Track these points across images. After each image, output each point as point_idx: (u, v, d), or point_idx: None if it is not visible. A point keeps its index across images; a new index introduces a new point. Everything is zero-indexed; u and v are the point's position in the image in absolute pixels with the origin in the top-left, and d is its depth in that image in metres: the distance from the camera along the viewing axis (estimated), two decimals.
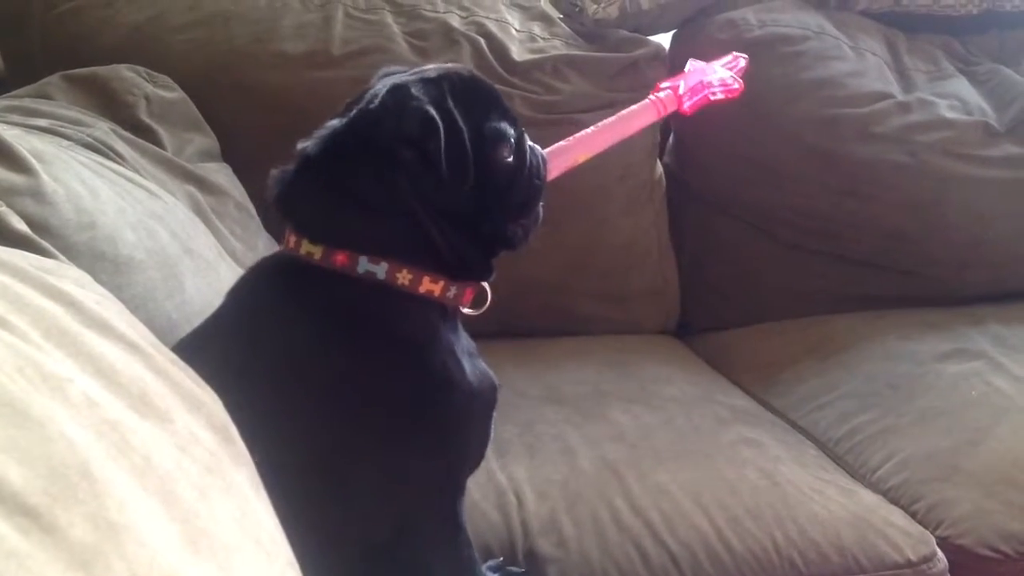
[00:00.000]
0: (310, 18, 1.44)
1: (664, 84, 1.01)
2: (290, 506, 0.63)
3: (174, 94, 1.26)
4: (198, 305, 0.86)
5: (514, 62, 1.50)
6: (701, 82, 1.00)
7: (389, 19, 1.49)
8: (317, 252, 0.78)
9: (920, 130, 1.54)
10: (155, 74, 1.27)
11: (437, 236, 0.80)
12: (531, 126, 1.48)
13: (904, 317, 1.50)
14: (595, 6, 1.58)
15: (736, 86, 1.01)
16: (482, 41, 1.50)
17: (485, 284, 0.85)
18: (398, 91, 0.80)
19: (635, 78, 1.53)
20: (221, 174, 1.21)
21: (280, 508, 0.62)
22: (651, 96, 1.00)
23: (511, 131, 0.84)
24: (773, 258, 1.59)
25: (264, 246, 1.17)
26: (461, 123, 0.79)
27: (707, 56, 1.07)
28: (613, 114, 0.99)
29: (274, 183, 0.80)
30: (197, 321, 0.81)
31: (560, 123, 1.47)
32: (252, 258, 1.10)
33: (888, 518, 1.05)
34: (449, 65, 0.86)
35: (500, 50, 1.50)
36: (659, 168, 1.59)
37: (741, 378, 1.41)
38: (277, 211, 0.81)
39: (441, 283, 0.81)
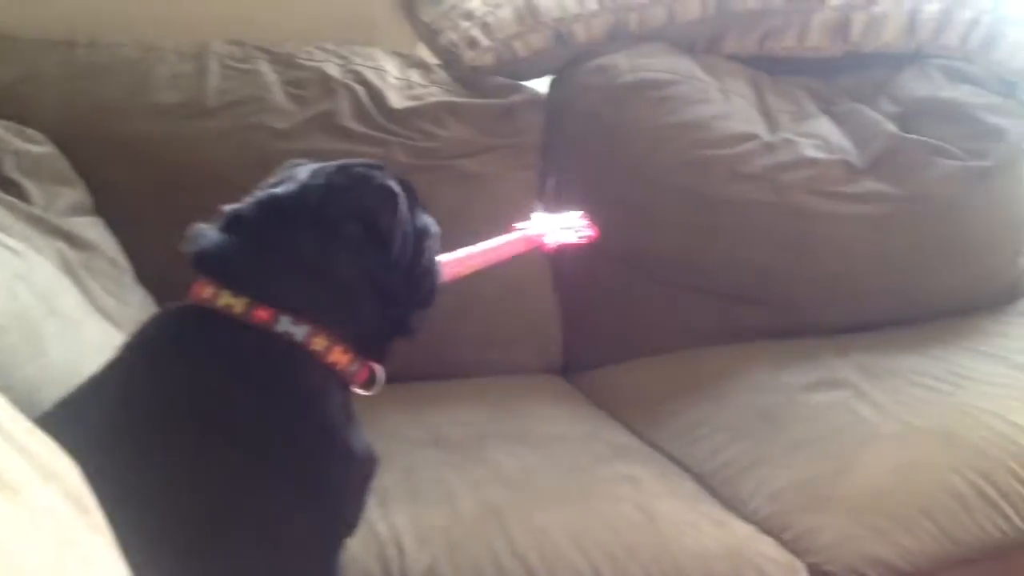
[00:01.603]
0: (184, 68, 1.44)
1: (527, 224, 1.08)
2: (175, 561, 0.64)
3: (43, 148, 1.24)
4: (61, 366, 0.86)
5: (392, 109, 1.52)
6: (561, 225, 1.08)
7: (265, 68, 1.50)
8: (238, 305, 0.81)
9: (785, 169, 1.60)
10: (24, 129, 1.26)
11: (362, 310, 0.85)
12: (411, 172, 1.50)
13: (775, 349, 1.55)
14: (472, 53, 1.61)
15: (590, 234, 1.09)
16: (360, 89, 1.52)
17: (379, 367, 0.89)
18: (347, 169, 0.85)
19: (512, 124, 1.57)
20: (92, 228, 1.20)
21: (163, 562, 0.62)
22: (522, 230, 1.06)
23: (435, 226, 0.92)
24: (649, 295, 1.63)
25: (139, 301, 1.16)
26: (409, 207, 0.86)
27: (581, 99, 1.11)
28: (492, 160, 1.04)
29: (196, 238, 0.83)
30: (62, 381, 0.81)
31: (438, 168, 1.50)
32: (126, 313, 1.09)
33: (760, 548, 1.09)
34: (358, 160, 0.90)
35: (378, 97, 1.52)
36: (540, 210, 1.62)
37: (622, 414, 1.45)
38: (196, 264, 0.83)
39: (349, 356, 0.84)
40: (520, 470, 1.18)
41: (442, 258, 0.97)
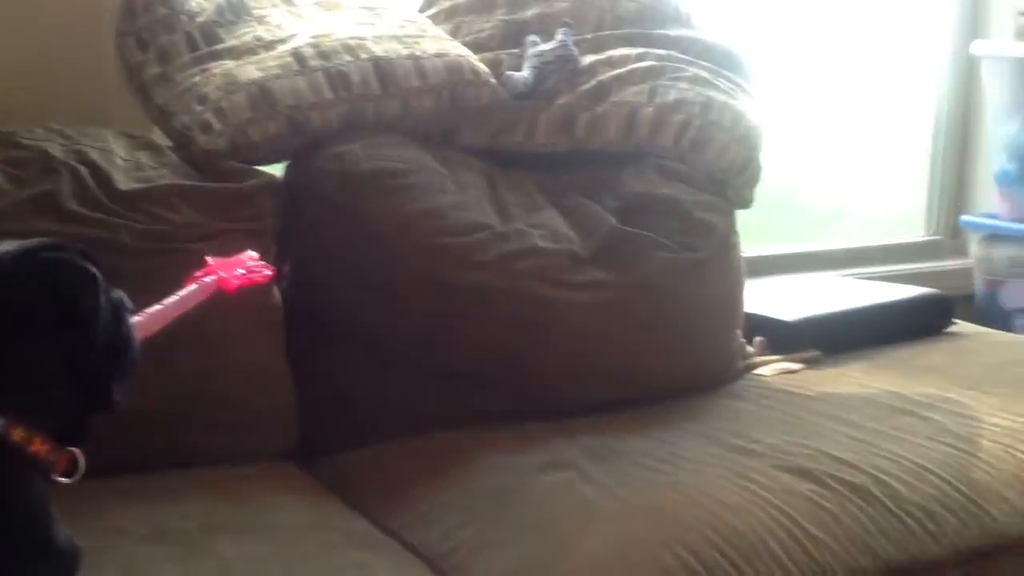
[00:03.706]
0: None
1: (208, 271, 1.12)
2: None
3: None
4: None
5: (118, 191, 1.48)
6: (237, 268, 1.13)
7: None
8: None
9: (517, 258, 1.67)
10: None
11: (61, 395, 0.83)
12: (140, 256, 1.47)
13: (510, 432, 1.59)
14: (205, 137, 1.59)
15: (267, 272, 1.16)
16: (83, 169, 1.47)
17: (78, 452, 0.86)
18: (34, 254, 0.82)
19: (246, 208, 1.55)
20: None
21: None
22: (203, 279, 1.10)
23: (126, 297, 0.91)
24: (388, 379, 1.64)
25: None
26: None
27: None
28: (227, 244, 1.05)
29: None
30: None
31: (168, 252, 1.46)
32: None
33: None
34: (37, 240, 0.88)
35: (103, 179, 1.48)
36: (276, 293, 1.61)
37: (358, 500, 1.44)
38: None
39: (48, 446, 0.83)
40: (246, 562, 1.15)
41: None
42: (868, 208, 2.87)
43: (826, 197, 2.87)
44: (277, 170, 1.70)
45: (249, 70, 1.64)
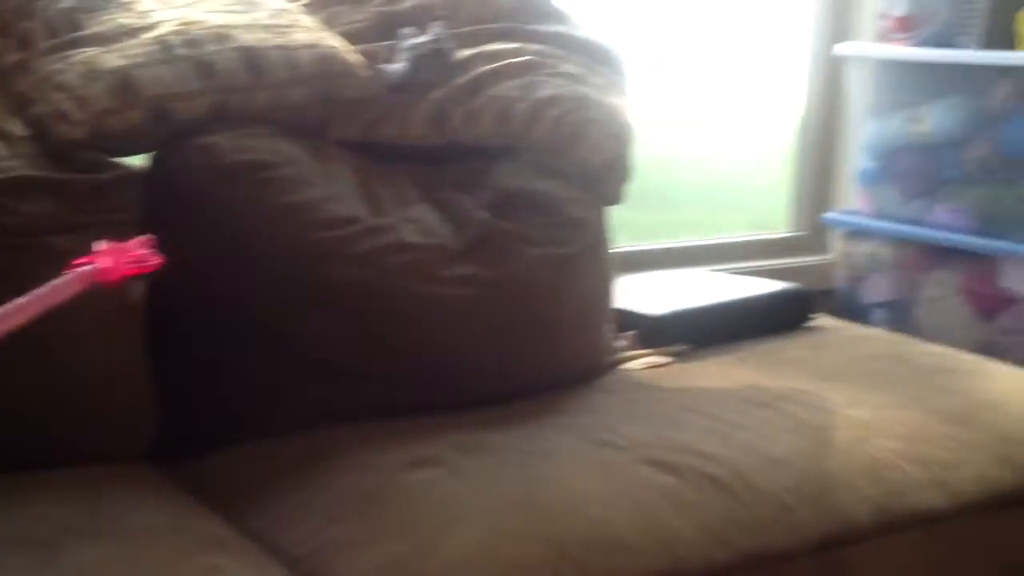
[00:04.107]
0: None
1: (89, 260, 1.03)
2: None
3: None
4: None
5: None
6: (119, 258, 1.04)
7: None
8: None
9: (388, 252, 1.66)
10: None
11: None
12: None
13: (381, 428, 1.58)
14: (63, 126, 1.54)
15: (154, 261, 1.07)
16: None
17: None
18: None
19: (106, 200, 1.51)
20: None
21: None
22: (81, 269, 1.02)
23: None
24: (255, 375, 1.62)
25: None
26: None
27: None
28: (86, 237, 1.01)
29: None
30: None
31: (24, 247, 1.42)
32: None
33: None
34: None
35: None
36: (136, 287, 1.57)
37: (218, 502, 1.41)
38: None
39: None
40: (99, 567, 1.12)
41: None
42: (737, 205, 2.95)
43: (696, 192, 2.94)
44: (144, 162, 1.65)
45: (111, 58, 1.59)
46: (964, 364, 1.94)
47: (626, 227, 2.25)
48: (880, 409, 1.67)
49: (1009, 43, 2.31)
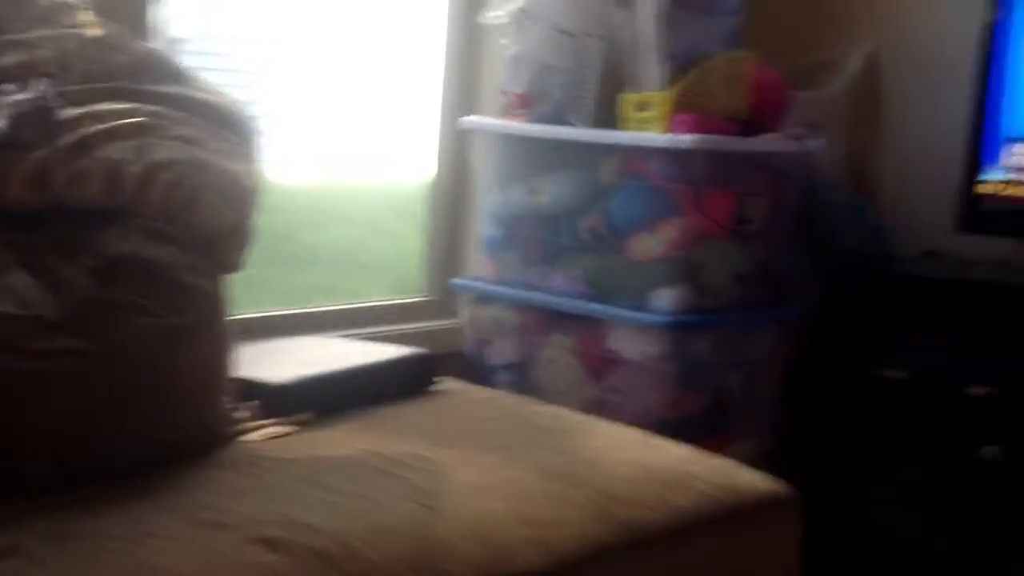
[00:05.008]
0: None
1: None
2: None
3: None
4: None
5: None
6: None
7: None
8: None
9: None
10: None
11: None
12: None
13: None
14: None
15: None
16: None
17: None
18: None
19: None
20: None
21: None
22: None
23: None
24: None
25: None
26: None
27: None
28: None
29: None
30: None
31: None
32: None
33: None
34: None
35: None
36: None
37: None
38: None
39: None
40: None
41: None
42: (380, 268, 2.99)
43: (336, 255, 2.95)
44: None
45: None
46: (573, 423, 2.06)
47: (265, 289, 2.22)
48: (489, 471, 1.73)
49: (614, 123, 2.50)
